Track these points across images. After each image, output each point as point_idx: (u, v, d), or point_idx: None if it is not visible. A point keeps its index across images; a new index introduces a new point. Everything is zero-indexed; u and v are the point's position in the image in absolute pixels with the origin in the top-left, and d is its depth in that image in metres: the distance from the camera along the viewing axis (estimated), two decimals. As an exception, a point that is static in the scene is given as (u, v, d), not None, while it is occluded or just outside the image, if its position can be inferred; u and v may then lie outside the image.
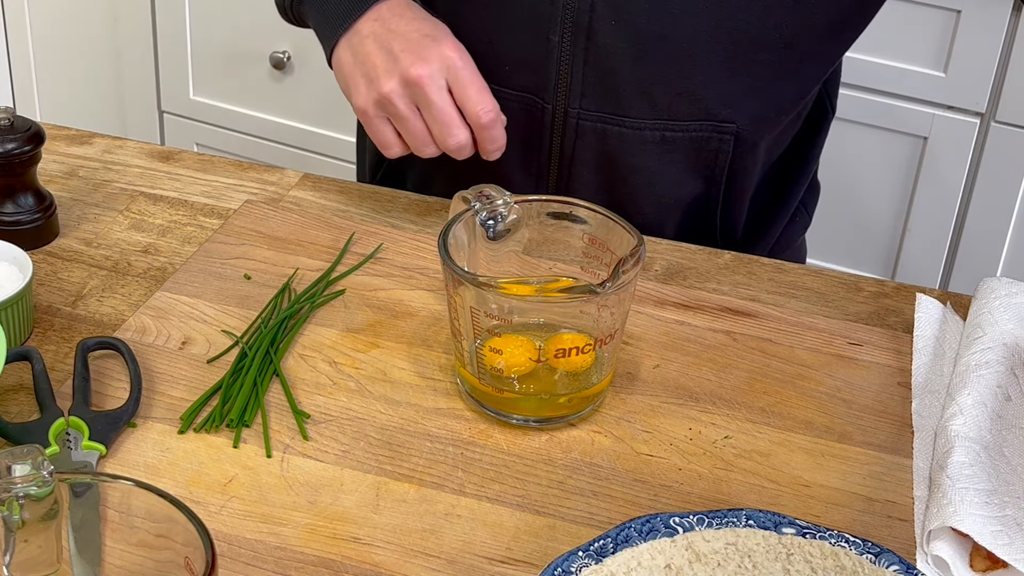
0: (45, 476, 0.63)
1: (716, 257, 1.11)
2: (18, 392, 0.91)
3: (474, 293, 0.87)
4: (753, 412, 0.93)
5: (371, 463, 0.87)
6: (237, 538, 0.80)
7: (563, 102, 1.11)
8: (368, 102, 1.06)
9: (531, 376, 0.89)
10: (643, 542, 0.74)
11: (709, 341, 1.00)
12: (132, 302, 1.01)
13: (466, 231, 0.92)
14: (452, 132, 1.04)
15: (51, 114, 2.46)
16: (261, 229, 1.10)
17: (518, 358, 0.88)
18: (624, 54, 1.07)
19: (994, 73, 1.88)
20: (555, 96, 1.11)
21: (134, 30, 2.43)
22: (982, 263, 2.00)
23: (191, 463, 0.86)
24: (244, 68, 2.36)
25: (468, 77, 1.03)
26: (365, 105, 1.06)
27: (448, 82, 1.03)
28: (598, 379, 0.90)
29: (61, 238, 1.08)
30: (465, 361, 0.91)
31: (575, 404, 0.90)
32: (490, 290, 0.87)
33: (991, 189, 1.95)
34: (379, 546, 0.81)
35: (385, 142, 1.07)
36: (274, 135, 2.38)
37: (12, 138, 1.02)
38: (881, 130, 1.98)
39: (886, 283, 1.09)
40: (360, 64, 1.06)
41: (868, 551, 0.74)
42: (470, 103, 1.03)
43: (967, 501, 0.82)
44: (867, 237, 2.07)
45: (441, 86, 1.03)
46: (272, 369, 0.94)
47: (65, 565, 0.67)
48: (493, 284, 0.87)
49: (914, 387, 0.96)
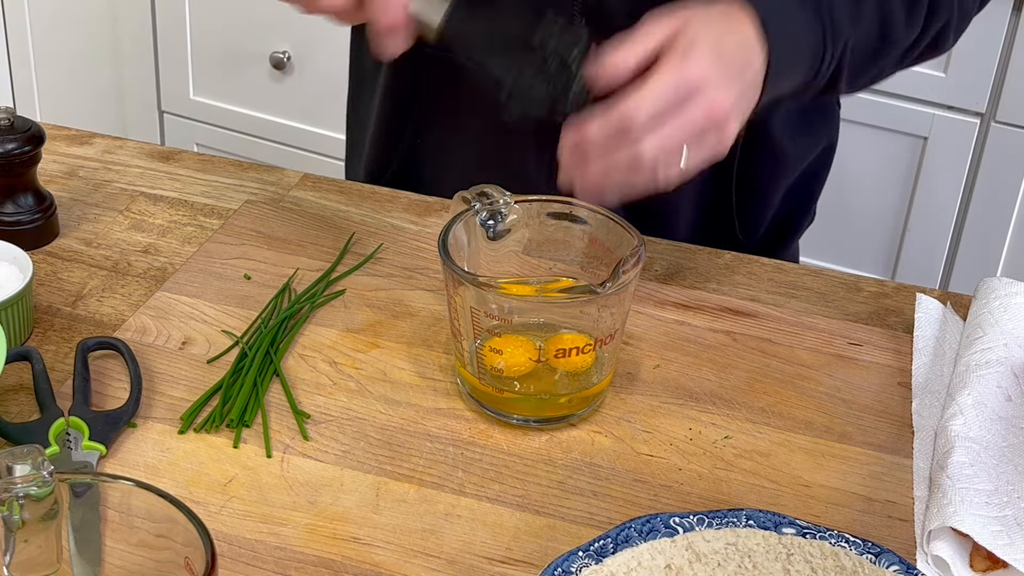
0: (45, 476, 0.63)
1: (716, 257, 1.11)
2: (18, 392, 0.91)
3: (474, 293, 0.87)
4: (753, 412, 0.93)
5: (371, 463, 0.87)
6: (237, 538, 0.80)
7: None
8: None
9: (531, 376, 0.89)
10: (643, 542, 0.74)
11: (709, 341, 1.00)
12: (132, 302, 1.01)
13: (466, 231, 0.92)
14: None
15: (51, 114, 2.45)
16: (261, 229, 1.10)
17: (518, 358, 0.88)
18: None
19: (994, 73, 1.88)
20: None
21: (134, 30, 2.43)
22: (982, 263, 2.00)
23: (191, 463, 0.86)
24: (244, 68, 2.36)
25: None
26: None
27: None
28: (598, 379, 0.90)
29: (61, 238, 1.08)
30: (465, 361, 0.91)
31: (575, 404, 0.90)
32: (490, 290, 0.87)
33: (991, 189, 1.95)
34: (379, 546, 0.81)
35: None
36: (274, 135, 2.38)
37: (12, 138, 1.02)
38: (881, 130, 1.98)
39: (886, 283, 1.09)
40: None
41: (868, 551, 0.74)
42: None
43: (967, 501, 0.82)
44: (867, 237, 2.07)
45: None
46: (272, 369, 0.94)
47: (65, 565, 0.67)
48: (493, 284, 0.87)
49: (914, 387, 0.96)
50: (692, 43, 0.87)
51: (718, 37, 0.89)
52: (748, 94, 0.90)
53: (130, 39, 2.44)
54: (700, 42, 0.87)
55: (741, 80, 0.89)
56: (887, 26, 1.00)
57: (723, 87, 0.87)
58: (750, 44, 0.90)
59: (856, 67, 0.99)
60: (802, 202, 1.25)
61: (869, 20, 0.98)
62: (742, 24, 0.91)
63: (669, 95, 0.85)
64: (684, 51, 0.86)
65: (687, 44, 0.86)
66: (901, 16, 1.01)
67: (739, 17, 0.91)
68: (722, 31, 0.89)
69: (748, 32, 0.90)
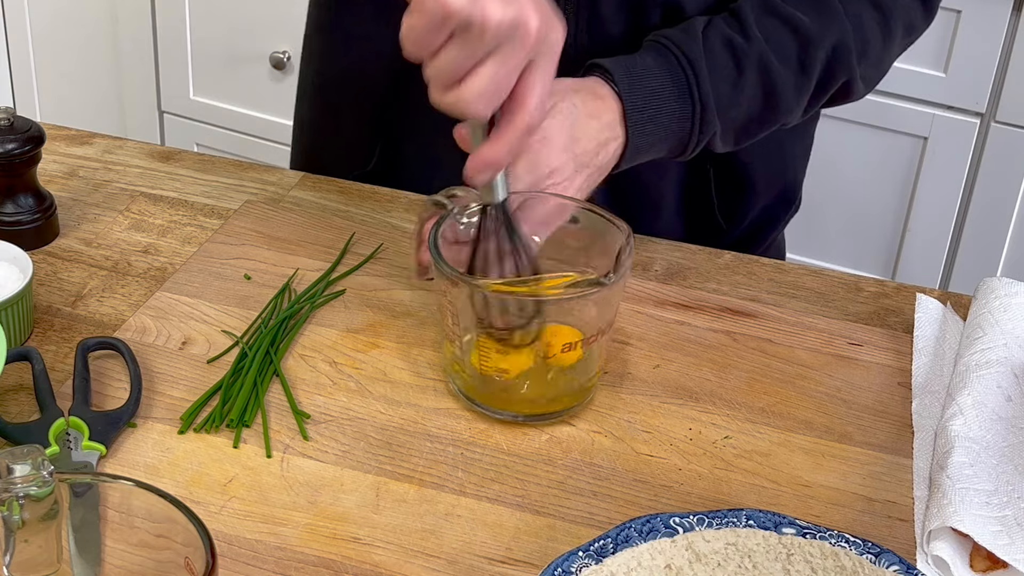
0: (45, 476, 0.63)
1: (716, 257, 1.11)
2: (18, 392, 0.91)
3: (465, 292, 0.87)
4: (753, 412, 0.93)
5: (371, 463, 0.87)
6: (237, 538, 0.80)
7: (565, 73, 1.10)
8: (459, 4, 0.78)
9: (524, 374, 0.89)
10: (643, 542, 0.75)
11: (709, 341, 1.00)
12: (132, 302, 1.01)
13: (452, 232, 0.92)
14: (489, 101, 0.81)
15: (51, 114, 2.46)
16: (261, 229, 1.10)
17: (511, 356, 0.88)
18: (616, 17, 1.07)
19: (994, 73, 1.88)
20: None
21: (134, 30, 2.43)
22: (982, 263, 2.00)
23: (191, 463, 0.86)
24: (244, 68, 2.36)
25: (553, 69, 0.84)
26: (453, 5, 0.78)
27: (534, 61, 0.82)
28: (590, 374, 0.90)
29: (61, 238, 1.08)
30: (457, 359, 0.90)
31: (568, 400, 0.90)
32: (481, 289, 0.87)
33: (991, 189, 1.95)
34: (379, 546, 0.81)
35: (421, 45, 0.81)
36: (274, 135, 2.38)
37: (12, 138, 1.02)
38: (881, 130, 1.98)
39: (886, 283, 1.09)
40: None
41: (868, 551, 0.74)
42: (539, 96, 0.83)
43: (967, 501, 0.82)
44: (867, 237, 2.07)
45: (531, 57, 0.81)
46: (272, 369, 0.94)
47: (65, 565, 0.67)
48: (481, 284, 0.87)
49: (914, 387, 0.96)
50: (547, 135, 0.92)
51: (574, 128, 0.94)
52: (595, 176, 0.96)
53: (130, 39, 2.44)
54: (554, 135, 0.92)
55: (589, 167, 0.95)
56: (772, 95, 1.03)
57: (568, 177, 0.93)
58: (607, 132, 0.96)
59: (738, 135, 1.04)
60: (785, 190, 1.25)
61: (751, 95, 1.02)
62: (605, 111, 0.96)
63: (520, 187, 0.90)
64: (539, 142, 0.91)
65: (543, 135, 0.91)
66: (789, 84, 1.03)
67: (604, 103, 0.96)
68: (581, 120, 0.94)
69: (607, 119, 0.96)
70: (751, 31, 1.02)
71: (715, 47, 1.01)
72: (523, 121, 0.84)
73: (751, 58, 1.02)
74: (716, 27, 1.03)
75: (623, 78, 0.98)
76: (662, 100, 0.99)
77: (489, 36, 0.78)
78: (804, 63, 1.04)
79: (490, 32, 0.78)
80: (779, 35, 1.03)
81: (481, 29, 0.78)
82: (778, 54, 1.03)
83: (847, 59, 1.05)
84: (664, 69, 0.99)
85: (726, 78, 1.01)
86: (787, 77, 1.03)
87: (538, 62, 0.82)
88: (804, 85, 1.05)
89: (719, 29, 1.02)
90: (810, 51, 1.03)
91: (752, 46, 1.02)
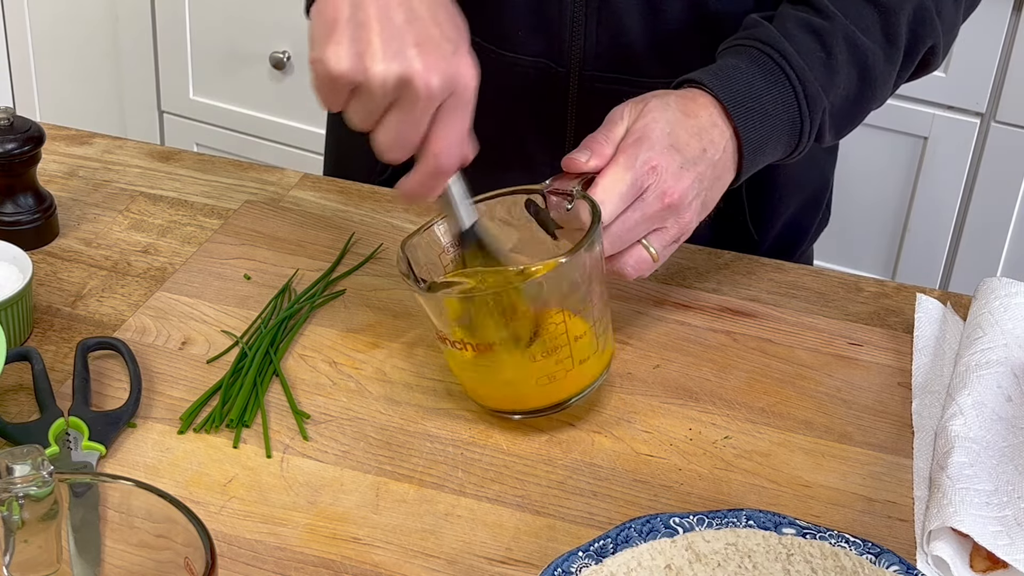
0: (45, 476, 0.63)
1: (716, 257, 1.11)
2: (18, 392, 0.91)
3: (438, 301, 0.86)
4: (753, 412, 0.93)
5: (371, 463, 0.87)
6: (237, 538, 0.80)
7: (577, 65, 1.10)
8: (342, 67, 0.82)
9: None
10: (643, 542, 0.75)
11: (709, 341, 1.00)
12: (132, 302, 1.01)
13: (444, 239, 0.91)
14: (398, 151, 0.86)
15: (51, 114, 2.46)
16: (261, 229, 1.10)
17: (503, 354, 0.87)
18: (634, 10, 1.07)
19: (994, 73, 1.88)
20: (569, 59, 1.10)
21: (134, 30, 2.43)
22: (982, 263, 2.00)
23: (191, 463, 0.86)
24: (244, 68, 2.36)
25: (464, 112, 0.85)
26: (336, 68, 0.82)
27: (442, 106, 0.84)
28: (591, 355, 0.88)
29: (61, 238, 1.08)
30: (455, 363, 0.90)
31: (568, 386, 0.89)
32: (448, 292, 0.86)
33: (991, 189, 1.95)
34: (379, 546, 0.81)
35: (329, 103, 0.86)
36: (274, 135, 2.38)
37: (12, 138, 1.02)
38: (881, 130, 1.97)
39: (886, 283, 1.09)
40: (354, 24, 0.82)
41: (868, 551, 0.74)
42: (444, 140, 0.85)
43: (967, 501, 0.82)
44: (867, 237, 2.07)
45: (432, 107, 0.84)
46: (272, 369, 0.94)
47: (65, 565, 0.67)
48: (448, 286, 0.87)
49: (914, 387, 0.96)
50: (644, 134, 0.90)
51: (671, 125, 0.92)
52: (709, 174, 0.93)
53: (130, 39, 2.44)
54: (651, 132, 0.90)
55: (698, 164, 0.92)
56: (866, 72, 1.00)
57: (674, 173, 0.90)
58: (709, 128, 0.93)
59: (841, 121, 1.01)
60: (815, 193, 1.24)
61: (846, 76, 0.99)
62: (701, 109, 0.94)
63: (622, 188, 0.89)
64: (636, 142, 0.90)
65: (638, 135, 0.90)
66: (880, 57, 1.00)
67: (699, 103, 0.94)
68: (676, 118, 0.92)
69: (707, 117, 0.94)
70: (827, 9, 0.98)
71: (793, 32, 0.97)
72: (428, 165, 0.86)
73: (836, 36, 0.97)
74: (785, 15, 0.99)
75: (711, 80, 0.95)
76: (760, 94, 0.95)
77: (378, 93, 0.82)
78: (889, 34, 0.99)
79: (377, 89, 0.82)
80: (857, 8, 0.99)
81: (368, 87, 0.82)
82: (862, 28, 0.98)
83: (931, 21, 1.01)
84: (749, 62, 0.96)
85: (815, 61, 0.97)
86: (876, 51, 0.99)
87: (445, 107, 0.84)
88: (894, 56, 1.00)
89: (789, 15, 0.98)
90: (892, 20, 0.99)
91: (834, 24, 0.97)
